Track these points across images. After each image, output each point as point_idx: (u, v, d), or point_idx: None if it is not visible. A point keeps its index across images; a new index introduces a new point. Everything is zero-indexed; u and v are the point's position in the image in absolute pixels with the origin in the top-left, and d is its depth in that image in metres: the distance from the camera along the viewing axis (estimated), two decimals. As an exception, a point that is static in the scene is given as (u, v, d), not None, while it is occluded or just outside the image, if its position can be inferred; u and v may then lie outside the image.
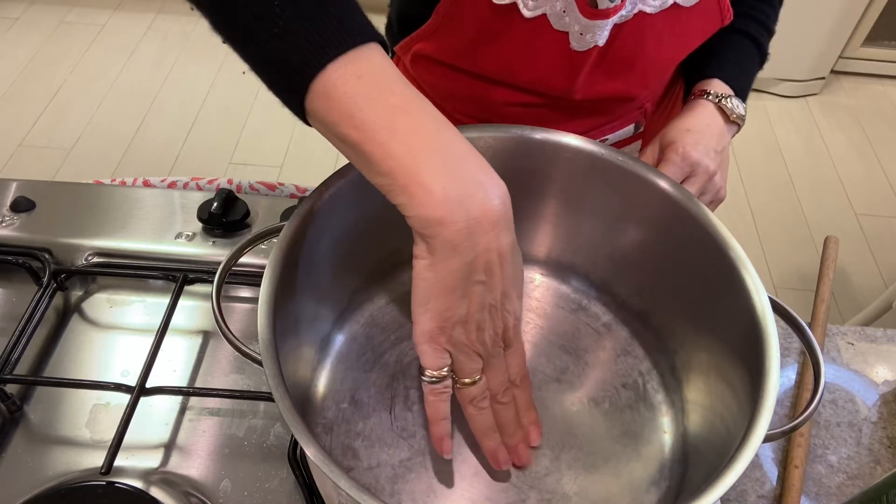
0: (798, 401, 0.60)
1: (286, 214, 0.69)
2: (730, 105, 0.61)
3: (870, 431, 0.59)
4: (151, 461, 0.53)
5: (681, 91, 0.72)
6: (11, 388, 0.56)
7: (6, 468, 0.52)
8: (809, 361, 0.56)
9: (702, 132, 0.59)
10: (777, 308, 0.46)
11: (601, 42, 0.56)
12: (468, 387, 0.44)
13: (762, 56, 0.67)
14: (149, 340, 0.57)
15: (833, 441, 0.58)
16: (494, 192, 0.38)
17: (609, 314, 0.59)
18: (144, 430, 0.55)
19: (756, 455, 0.42)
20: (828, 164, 2.08)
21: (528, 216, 0.57)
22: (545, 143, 0.53)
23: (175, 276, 0.62)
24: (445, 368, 0.42)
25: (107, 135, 2.00)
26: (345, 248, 0.52)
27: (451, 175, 0.37)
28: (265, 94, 0.39)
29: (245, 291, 0.65)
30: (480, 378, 0.44)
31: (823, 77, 2.28)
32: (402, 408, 0.52)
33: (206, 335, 0.62)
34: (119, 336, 0.62)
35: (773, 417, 0.40)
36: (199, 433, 0.55)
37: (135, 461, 0.53)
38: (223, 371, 0.59)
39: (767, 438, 0.39)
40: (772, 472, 0.56)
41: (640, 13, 0.56)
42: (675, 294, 0.54)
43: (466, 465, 0.49)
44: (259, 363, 0.40)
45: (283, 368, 0.40)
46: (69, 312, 0.63)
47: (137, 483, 0.51)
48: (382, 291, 0.58)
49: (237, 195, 0.70)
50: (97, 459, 0.52)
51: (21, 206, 0.68)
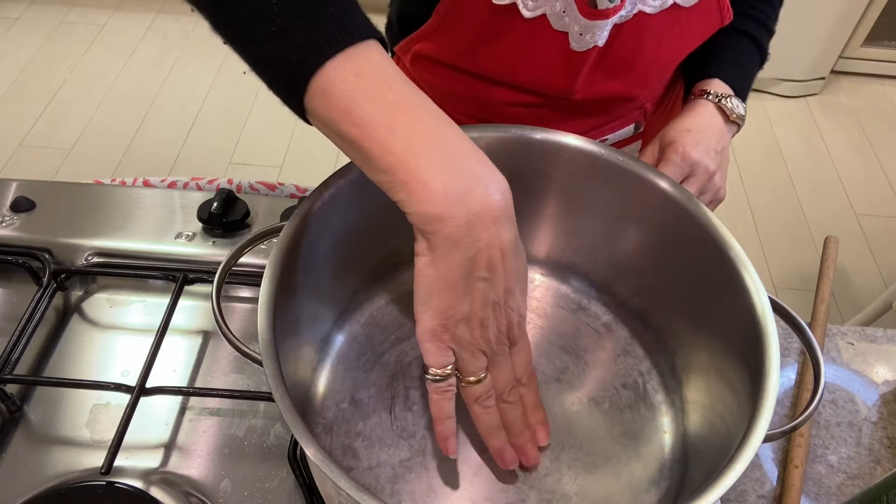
0: (798, 401, 0.60)
1: (286, 214, 0.69)
2: (730, 105, 0.61)
3: (870, 431, 0.59)
4: (151, 461, 0.53)
5: (681, 91, 0.72)
6: (11, 388, 0.56)
7: (6, 468, 0.52)
8: (809, 361, 0.56)
9: (702, 132, 0.59)
10: (777, 308, 0.46)
11: (601, 42, 0.56)
12: (473, 385, 0.43)
13: (762, 56, 0.67)
14: (149, 340, 0.57)
15: (833, 441, 0.58)
16: (495, 187, 0.38)
17: (609, 314, 0.59)
18: (144, 430, 0.55)
19: (756, 455, 0.42)
20: (828, 164, 2.08)
21: (528, 216, 0.57)
22: (545, 143, 0.53)
23: (175, 276, 0.62)
24: (449, 367, 0.42)
25: (107, 135, 2.00)
26: (345, 248, 0.52)
27: (451, 171, 0.37)
28: (265, 94, 0.39)
29: (245, 291, 0.65)
30: (485, 376, 0.43)
31: (823, 77, 2.28)
32: (402, 408, 0.52)
33: (206, 335, 0.62)
34: (119, 336, 0.62)
35: (773, 417, 0.40)
36: (199, 433, 0.55)
37: (135, 461, 0.53)
38: (223, 371, 0.59)
39: (767, 438, 0.39)
40: (772, 472, 0.56)
41: (640, 13, 0.56)
42: (675, 294, 0.54)
43: (467, 465, 0.49)
44: (259, 363, 0.40)
45: (283, 368, 0.40)
46: (69, 312, 0.63)
47: (137, 483, 0.51)
48: (382, 291, 0.58)
49: (237, 195, 0.70)
50: (97, 459, 0.52)
51: (21, 206, 0.68)
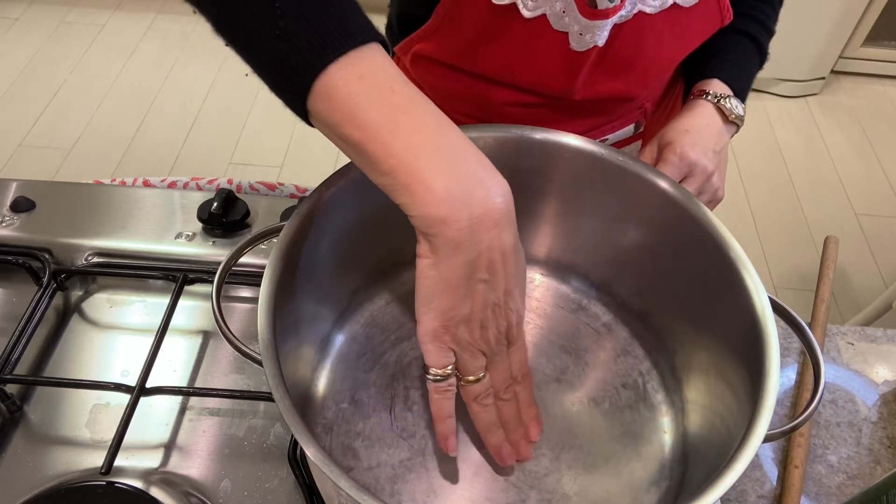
0: (798, 401, 0.60)
1: (286, 214, 0.69)
2: (729, 105, 0.61)
3: (870, 431, 0.59)
4: (151, 461, 0.53)
5: (681, 91, 0.72)
6: (11, 388, 0.56)
7: (6, 468, 0.52)
8: (809, 361, 0.56)
9: (700, 132, 0.59)
10: (777, 308, 0.46)
11: (601, 42, 0.56)
12: (472, 384, 0.44)
13: (762, 56, 0.67)
14: (149, 340, 0.57)
15: (833, 441, 0.58)
16: (496, 190, 0.38)
17: (609, 314, 0.59)
18: (144, 430, 0.55)
19: (756, 455, 0.42)
20: (828, 164, 2.08)
21: (528, 216, 0.57)
22: (545, 143, 0.53)
23: (175, 276, 0.62)
24: (450, 367, 0.43)
25: (107, 135, 2.00)
26: (345, 248, 0.52)
27: (453, 173, 0.37)
28: (265, 95, 0.39)
29: (245, 291, 0.65)
30: (484, 376, 0.44)
31: (823, 77, 2.28)
32: (402, 408, 0.52)
33: (206, 335, 0.62)
34: (119, 336, 0.62)
35: (773, 417, 0.40)
36: (199, 433, 0.55)
37: (135, 461, 0.53)
38: (223, 371, 0.59)
39: (767, 438, 0.39)
40: (772, 472, 0.56)
41: (640, 13, 0.56)
42: (675, 294, 0.54)
43: (466, 465, 0.49)
44: (259, 363, 0.40)
45: (283, 368, 0.40)
46: (69, 312, 0.63)
47: (137, 483, 0.51)
48: (382, 291, 0.58)
49: (237, 195, 0.70)
50: (97, 459, 0.52)
51: (21, 206, 0.68)
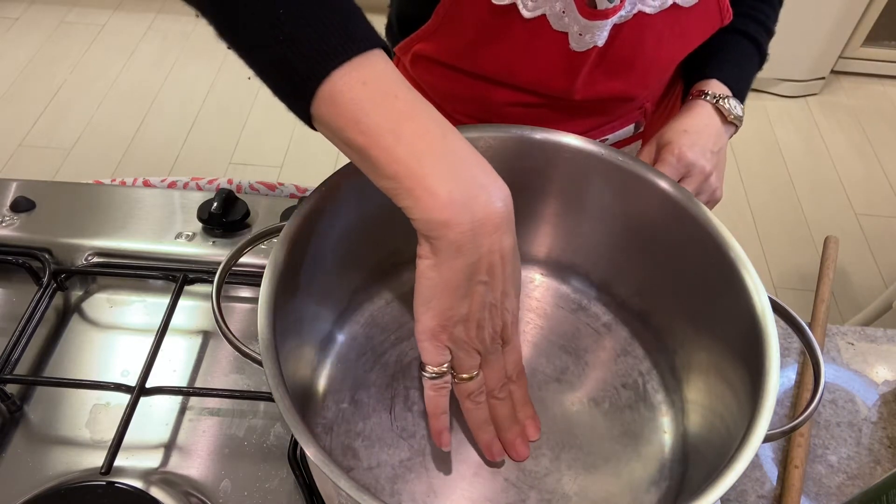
0: (798, 401, 0.60)
1: (286, 214, 0.69)
2: (727, 106, 0.61)
3: (870, 431, 0.59)
4: (151, 461, 0.53)
5: (681, 91, 0.72)
6: (11, 388, 0.56)
7: (6, 468, 0.52)
8: (809, 361, 0.56)
9: (699, 133, 0.59)
10: (777, 308, 0.46)
11: (600, 42, 0.56)
12: (466, 382, 0.45)
13: (761, 57, 0.67)
14: (149, 340, 0.57)
15: (833, 441, 0.58)
16: (497, 195, 0.39)
17: (609, 314, 0.59)
18: (144, 430, 0.55)
19: (756, 455, 0.42)
20: (828, 164, 2.08)
21: (528, 216, 0.57)
22: (545, 143, 0.53)
23: (175, 276, 0.62)
24: (445, 364, 0.43)
25: (107, 135, 2.00)
26: (345, 248, 0.52)
27: (456, 178, 0.38)
28: (265, 95, 0.39)
29: (245, 291, 0.65)
30: (478, 374, 0.45)
31: (823, 77, 2.28)
32: (402, 408, 0.52)
33: (206, 335, 0.62)
34: (119, 336, 0.62)
35: (773, 417, 0.40)
36: (199, 433, 0.55)
37: (135, 461, 0.53)
38: (223, 371, 0.59)
39: (767, 438, 0.39)
40: (772, 472, 0.56)
41: (640, 13, 0.56)
42: (675, 294, 0.54)
43: (466, 466, 0.49)
44: (259, 363, 0.40)
45: (283, 368, 0.40)
46: (69, 312, 0.63)
47: (137, 483, 0.51)
48: (382, 291, 0.58)
49: (237, 195, 0.70)
50: (97, 459, 0.52)
51: (21, 206, 0.68)
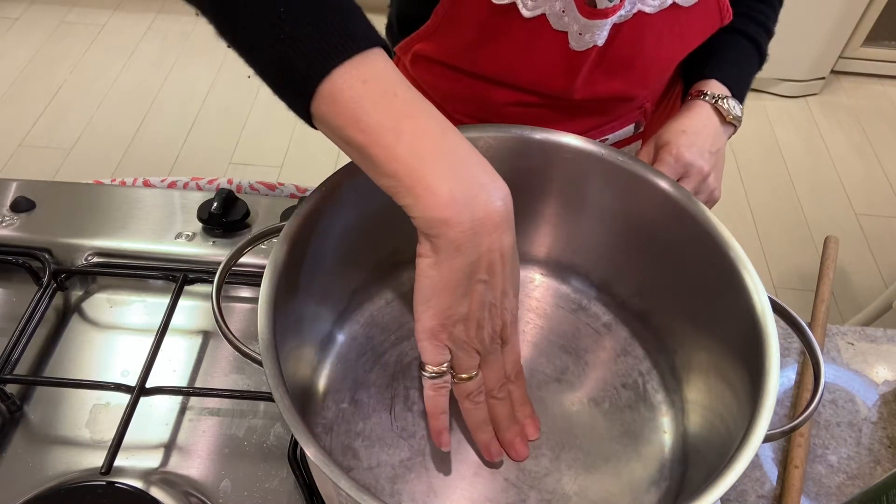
0: (798, 401, 0.60)
1: (286, 214, 0.69)
2: (726, 106, 0.61)
3: (870, 431, 0.59)
4: (151, 461, 0.53)
5: (681, 91, 0.72)
6: (11, 388, 0.56)
7: (6, 468, 0.52)
8: (809, 361, 0.56)
9: (697, 133, 0.59)
10: (777, 308, 0.46)
11: (600, 42, 0.56)
12: (465, 382, 0.45)
13: (761, 57, 0.67)
14: (149, 340, 0.57)
15: (833, 441, 0.58)
16: (497, 194, 0.39)
17: (609, 314, 0.59)
18: (144, 430, 0.55)
19: (756, 455, 0.42)
20: (828, 164, 2.08)
21: (528, 216, 0.57)
22: (545, 143, 0.53)
23: (175, 276, 0.62)
24: (445, 364, 0.43)
25: (107, 135, 2.00)
26: (345, 248, 0.52)
27: (456, 177, 0.38)
28: (265, 95, 0.39)
29: (245, 291, 0.65)
30: (477, 374, 0.45)
31: (823, 77, 2.28)
32: (402, 408, 0.52)
33: (206, 335, 0.62)
34: (119, 336, 0.62)
35: (773, 417, 0.40)
36: (199, 433, 0.55)
37: (135, 461, 0.53)
38: (223, 371, 0.59)
39: (767, 438, 0.39)
40: (772, 472, 0.56)
41: (640, 13, 0.56)
42: (675, 294, 0.54)
43: (466, 466, 0.49)
44: (259, 363, 0.40)
45: (283, 368, 0.40)
46: (69, 312, 0.63)
47: (137, 483, 0.51)
48: (382, 291, 0.58)
49: (237, 195, 0.70)
50: (97, 459, 0.52)
51: (21, 206, 0.68)
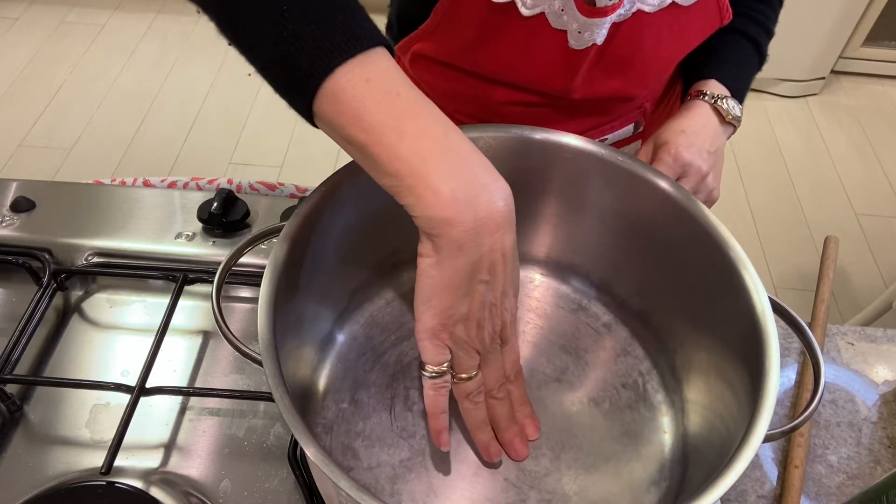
0: (798, 401, 0.60)
1: (286, 214, 0.69)
2: (725, 106, 0.61)
3: (870, 431, 0.59)
4: (151, 461, 0.53)
5: (680, 91, 0.72)
6: (11, 388, 0.56)
7: (6, 468, 0.52)
8: (809, 361, 0.56)
9: (696, 133, 0.59)
10: (777, 308, 0.46)
11: (599, 40, 0.56)
12: (465, 382, 0.45)
13: (761, 58, 0.67)
14: (149, 340, 0.57)
15: (833, 441, 0.58)
16: (499, 194, 0.39)
17: (609, 314, 0.59)
18: (144, 430, 0.55)
19: (756, 455, 0.42)
20: (828, 164, 2.08)
21: (528, 216, 0.57)
22: (545, 143, 0.53)
23: (175, 276, 0.62)
24: (445, 364, 0.43)
25: (107, 135, 2.00)
26: (345, 248, 0.52)
27: (458, 177, 0.38)
28: (265, 95, 0.39)
29: (245, 291, 0.65)
30: (477, 374, 0.45)
31: (823, 77, 2.28)
32: (402, 408, 0.52)
33: (206, 335, 0.62)
34: (119, 336, 0.62)
35: (773, 417, 0.40)
36: (199, 433, 0.55)
37: (135, 461, 0.53)
38: (223, 371, 0.59)
39: (767, 438, 0.39)
40: (772, 472, 0.56)
41: (639, 12, 0.56)
42: (675, 294, 0.54)
43: (466, 466, 0.49)
44: (259, 363, 0.40)
45: (283, 368, 0.40)
46: (69, 312, 0.63)
47: (137, 483, 0.51)
48: (382, 291, 0.58)
49: (237, 195, 0.70)
50: (97, 459, 0.52)
51: (21, 206, 0.68)
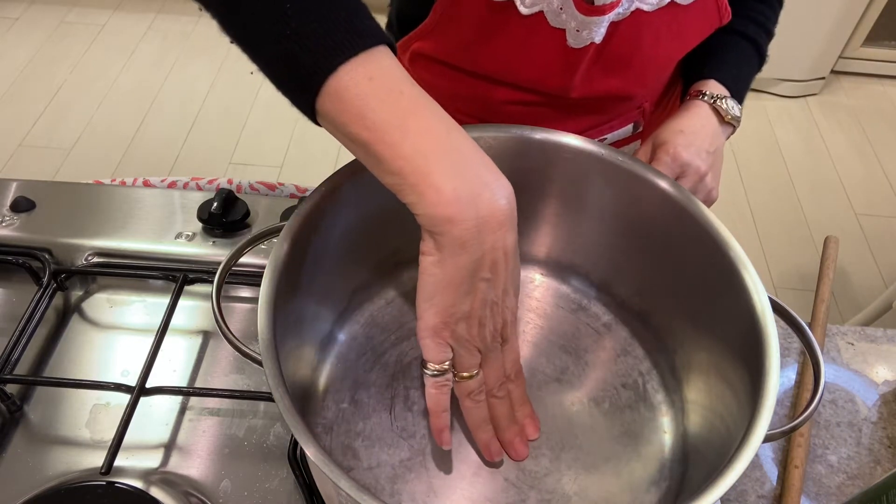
0: (798, 401, 0.60)
1: (286, 214, 0.69)
2: (725, 106, 0.61)
3: (870, 431, 0.59)
4: (151, 461, 0.53)
5: (680, 91, 0.72)
6: (11, 388, 0.56)
7: (6, 468, 0.52)
8: (809, 361, 0.56)
9: (695, 133, 0.59)
10: (777, 308, 0.46)
11: (598, 39, 0.56)
12: (466, 381, 0.45)
13: (761, 58, 0.67)
14: (149, 340, 0.57)
15: (833, 441, 0.58)
16: (501, 193, 0.39)
17: (609, 314, 0.59)
18: (144, 430, 0.55)
19: (756, 455, 0.42)
20: (828, 164, 2.08)
21: (528, 216, 0.57)
22: (545, 143, 0.53)
23: (175, 276, 0.62)
24: (447, 362, 0.43)
25: (107, 135, 2.00)
26: (345, 248, 0.52)
27: (461, 175, 0.38)
28: (265, 94, 0.39)
29: (245, 291, 0.65)
30: (478, 372, 0.45)
31: (823, 77, 2.28)
32: (402, 408, 0.52)
33: (206, 335, 0.62)
34: (119, 336, 0.62)
35: (773, 417, 0.40)
36: (199, 433, 0.55)
37: (135, 461, 0.53)
38: (223, 371, 0.59)
39: (767, 438, 0.39)
40: (772, 472, 0.56)
41: (638, 11, 0.56)
42: (675, 294, 0.54)
43: (466, 465, 0.49)
44: (259, 363, 0.40)
45: (283, 368, 0.40)
46: (69, 312, 0.63)
47: (137, 483, 0.51)
48: (383, 291, 0.58)
49: (237, 195, 0.70)
50: (97, 459, 0.52)
51: (21, 206, 0.68)
